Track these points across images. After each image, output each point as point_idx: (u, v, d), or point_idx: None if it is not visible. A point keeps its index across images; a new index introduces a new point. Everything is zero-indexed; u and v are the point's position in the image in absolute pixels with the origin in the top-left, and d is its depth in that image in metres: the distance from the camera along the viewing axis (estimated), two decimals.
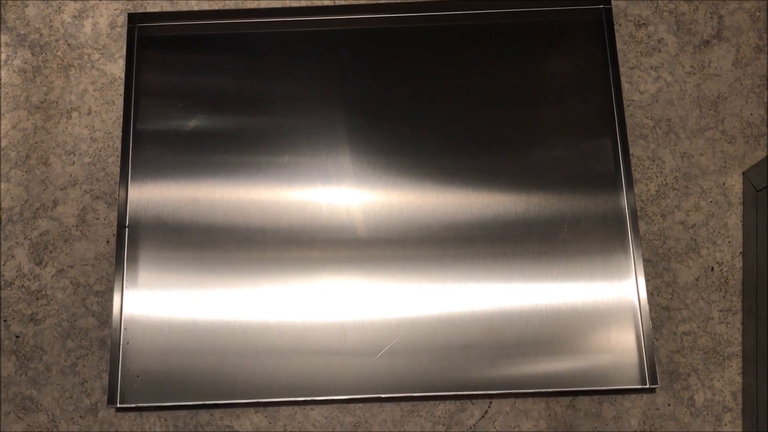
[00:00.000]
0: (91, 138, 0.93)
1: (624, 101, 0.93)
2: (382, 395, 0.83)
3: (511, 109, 0.93)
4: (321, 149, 0.92)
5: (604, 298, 0.86)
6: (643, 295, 0.86)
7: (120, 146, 0.92)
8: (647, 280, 0.88)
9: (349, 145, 0.92)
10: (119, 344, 0.85)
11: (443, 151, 0.91)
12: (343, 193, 0.90)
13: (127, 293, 0.87)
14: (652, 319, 0.87)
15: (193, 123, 0.92)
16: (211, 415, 0.85)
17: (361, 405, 0.85)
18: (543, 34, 0.96)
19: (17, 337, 0.88)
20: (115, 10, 0.97)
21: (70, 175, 0.92)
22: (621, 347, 0.85)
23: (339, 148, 0.92)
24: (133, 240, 0.89)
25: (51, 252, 0.90)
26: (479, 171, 0.91)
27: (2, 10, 0.97)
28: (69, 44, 0.96)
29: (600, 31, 0.95)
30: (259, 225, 0.89)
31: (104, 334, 0.88)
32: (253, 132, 0.92)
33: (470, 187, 0.90)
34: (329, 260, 0.88)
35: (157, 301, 0.87)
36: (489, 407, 0.85)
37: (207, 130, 0.92)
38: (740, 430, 0.85)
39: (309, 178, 0.91)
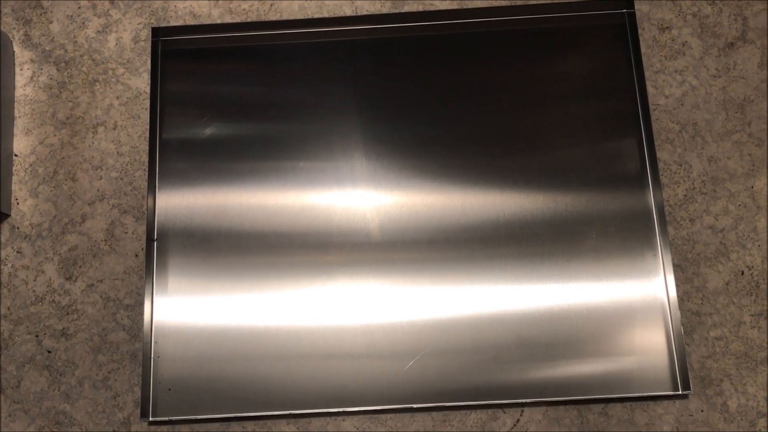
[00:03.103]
0: (117, 152, 0.94)
1: (650, 105, 0.92)
2: (414, 405, 0.83)
3: (535, 112, 0.93)
4: (338, 153, 0.92)
5: (633, 301, 0.86)
6: (673, 295, 0.85)
7: (146, 159, 0.93)
8: (677, 285, 0.87)
9: (363, 149, 0.92)
10: (150, 358, 0.86)
11: (466, 153, 0.91)
12: (366, 196, 0.90)
13: (157, 304, 0.87)
14: (682, 324, 0.86)
15: (209, 130, 0.92)
16: (243, 426, 0.85)
17: (392, 415, 0.85)
18: (567, 38, 0.95)
19: (49, 352, 0.88)
20: (138, 24, 0.98)
21: (98, 190, 0.93)
22: (652, 351, 0.84)
23: (354, 151, 0.92)
24: (161, 250, 0.89)
25: (80, 267, 0.90)
26: (504, 172, 0.90)
27: (27, 27, 0.98)
28: (93, 59, 0.97)
29: (624, 35, 0.95)
30: (286, 230, 0.89)
31: (135, 348, 0.88)
32: (275, 138, 0.92)
33: (496, 188, 0.90)
34: (354, 263, 0.88)
35: (186, 310, 0.87)
36: (521, 416, 0.85)
37: (231, 138, 0.93)
38: None
39: (334, 182, 0.91)
